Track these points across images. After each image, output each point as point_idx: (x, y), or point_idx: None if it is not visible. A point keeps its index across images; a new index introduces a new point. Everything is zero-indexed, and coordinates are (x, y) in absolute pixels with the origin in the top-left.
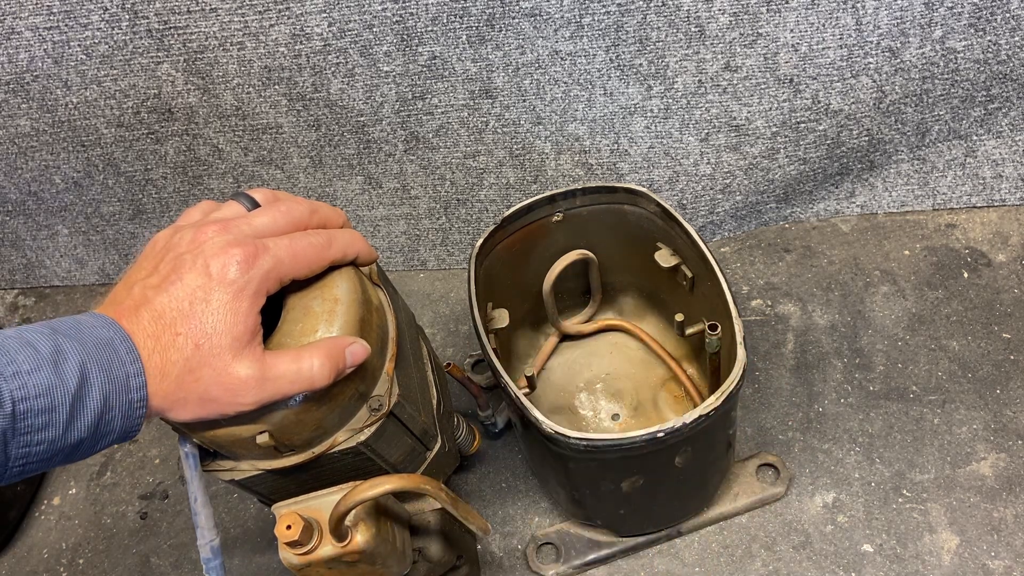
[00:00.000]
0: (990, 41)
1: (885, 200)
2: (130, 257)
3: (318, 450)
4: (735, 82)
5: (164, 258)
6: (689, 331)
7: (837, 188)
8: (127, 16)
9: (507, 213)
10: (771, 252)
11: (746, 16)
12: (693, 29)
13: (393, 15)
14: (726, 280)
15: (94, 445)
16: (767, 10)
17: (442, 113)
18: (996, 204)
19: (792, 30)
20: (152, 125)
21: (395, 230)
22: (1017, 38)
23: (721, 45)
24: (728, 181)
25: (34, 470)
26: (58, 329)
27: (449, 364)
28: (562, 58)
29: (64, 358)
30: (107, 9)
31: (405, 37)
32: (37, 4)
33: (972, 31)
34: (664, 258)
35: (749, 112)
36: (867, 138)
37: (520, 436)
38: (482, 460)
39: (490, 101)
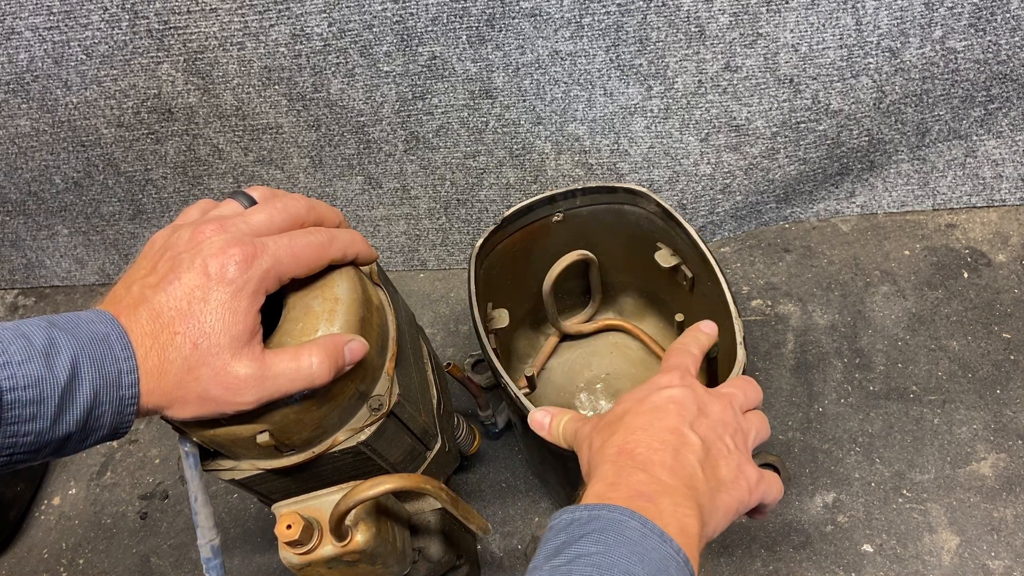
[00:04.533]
0: (990, 41)
1: (885, 200)
2: (130, 257)
3: (318, 450)
4: (735, 82)
5: (162, 257)
6: None
7: (837, 188)
8: (127, 16)
9: (507, 213)
10: (771, 252)
11: (746, 16)
12: (693, 29)
13: (393, 15)
14: (726, 280)
15: (83, 440)
16: (767, 10)
17: (442, 113)
18: (996, 204)
19: (792, 30)
20: (152, 125)
21: (395, 230)
22: (1017, 38)
23: (721, 45)
24: (728, 181)
25: (21, 461)
26: (55, 323)
27: (449, 364)
28: (562, 58)
29: (57, 351)
30: (107, 9)
31: (405, 37)
32: (37, 4)
33: (972, 31)
34: (664, 258)
35: (749, 112)
36: (867, 138)
37: (520, 436)
38: (482, 460)
39: (490, 101)
